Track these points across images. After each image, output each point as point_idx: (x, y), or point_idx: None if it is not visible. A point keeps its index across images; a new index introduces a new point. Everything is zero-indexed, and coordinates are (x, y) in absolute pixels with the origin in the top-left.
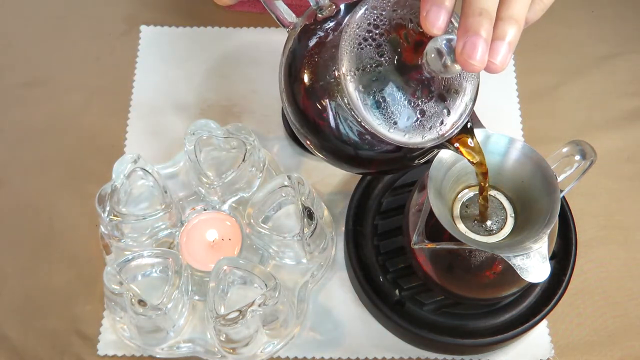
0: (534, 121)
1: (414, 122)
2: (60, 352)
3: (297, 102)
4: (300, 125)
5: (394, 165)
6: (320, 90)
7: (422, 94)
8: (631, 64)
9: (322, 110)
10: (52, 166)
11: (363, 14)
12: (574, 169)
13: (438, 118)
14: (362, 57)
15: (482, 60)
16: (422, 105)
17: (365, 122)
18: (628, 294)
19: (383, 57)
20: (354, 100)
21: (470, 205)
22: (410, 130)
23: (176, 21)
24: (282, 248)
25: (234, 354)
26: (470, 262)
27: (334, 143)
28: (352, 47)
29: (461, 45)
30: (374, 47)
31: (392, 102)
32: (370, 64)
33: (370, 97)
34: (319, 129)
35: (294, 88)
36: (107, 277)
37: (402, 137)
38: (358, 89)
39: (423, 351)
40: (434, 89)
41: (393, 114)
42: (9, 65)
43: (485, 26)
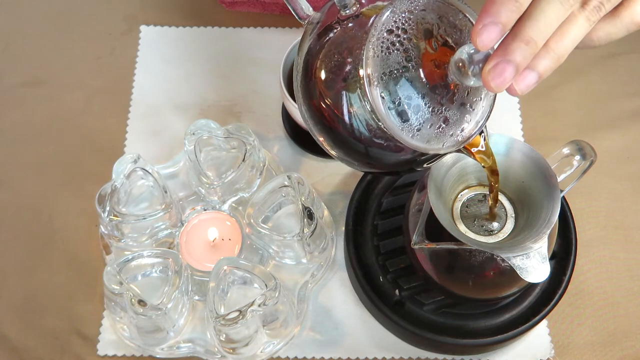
0: (534, 121)
1: (437, 129)
2: (60, 352)
3: (314, 99)
4: (314, 123)
5: (404, 167)
6: (340, 91)
7: (446, 102)
8: (631, 64)
9: (341, 111)
10: (52, 166)
11: (390, 15)
12: (574, 169)
13: (460, 125)
14: (389, 62)
15: (503, 85)
16: (446, 112)
17: (388, 128)
18: (628, 294)
19: (410, 63)
20: (377, 105)
21: (470, 205)
22: (433, 138)
23: (176, 21)
24: (282, 248)
25: (234, 354)
26: (470, 262)
27: (350, 143)
28: (378, 50)
29: (492, 64)
30: (401, 52)
31: (416, 108)
32: (397, 69)
33: (395, 103)
34: (336, 128)
35: (310, 85)
36: (107, 277)
37: (424, 143)
38: (383, 93)
39: (423, 351)
40: (457, 97)
41: (417, 120)
42: (9, 65)
43: (525, 56)
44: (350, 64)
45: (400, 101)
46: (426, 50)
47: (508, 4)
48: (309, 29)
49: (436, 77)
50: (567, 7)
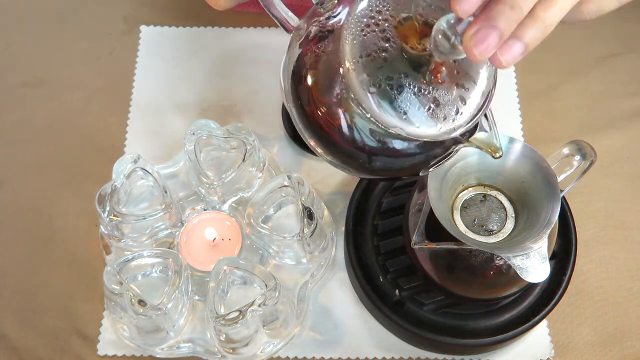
0: (534, 121)
1: (427, 111)
2: (60, 352)
3: (303, 104)
4: (305, 127)
5: (401, 169)
6: (326, 89)
7: (433, 81)
8: (631, 64)
9: (329, 110)
10: (52, 166)
11: (366, 1)
12: (574, 169)
13: (453, 107)
14: (366, 44)
15: (486, 52)
16: (434, 92)
17: (372, 114)
18: (628, 294)
19: (388, 43)
20: (357, 90)
21: (470, 206)
22: (423, 121)
23: (176, 21)
24: (282, 248)
25: (234, 354)
26: (470, 262)
27: (343, 147)
28: (354, 35)
29: (474, 29)
30: (377, 33)
31: (400, 90)
32: (375, 51)
33: (376, 86)
34: (327, 131)
35: (299, 90)
36: (107, 277)
37: (415, 128)
38: (362, 78)
39: (423, 351)
40: (445, 75)
41: (403, 102)
42: (9, 65)
43: (509, 21)
44: (332, 58)
45: (381, 83)
46: (405, 29)
47: None
48: (295, 36)
49: (419, 55)
50: None
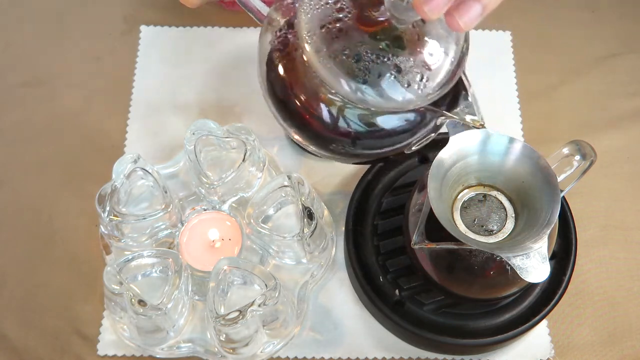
0: (534, 121)
1: (388, 78)
2: (60, 352)
3: (275, 90)
4: (281, 114)
5: (386, 144)
6: (291, 70)
7: (392, 48)
8: (631, 64)
9: (298, 90)
10: (52, 166)
11: None
12: (574, 169)
13: (416, 73)
14: (320, 17)
15: (438, 9)
16: (394, 59)
17: (333, 86)
18: (628, 294)
19: (343, 13)
20: (315, 64)
21: (470, 206)
22: (385, 88)
23: (176, 21)
24: (282, 248)
25: (234, 354)
26: (470, 262)
27: (317, 127)
28: (309, 10)
29: None
30: (331, 5)
31: (358, 59)
32: (329, 22)
33: (332, 57)
34: (301, 115)
35: (270, 76)
36: (107, 277)
37: (377, 97)
38: (318, 50)
39: (423, 351)
40: (405, 42)
41: (361, 72)
42: (9, 65)
43: None
44: (294, 37)
45: (338, 54)
46: (359, 2)
47: None
48: (265, 25)
49: (375, 22)
50: None
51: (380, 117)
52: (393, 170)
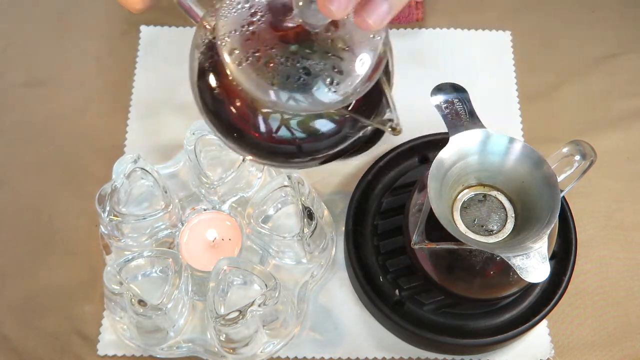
0: (534, 121)
1: (297, 81)
2: (60, 352)
3: (203, 94)
4: (209, 119)
5: (307, 151)
6: (215, 73)
7: (302, 51)
8: (631, 64)
9: (220, 92)
10: (52, 166)
11: None
12: (574, 169)
13: (326, 78)
14: (235, 20)
15: (343, 8)
16: (304, 62)
17: (246, 88)
18: (628, 294)
19: (256, 17)
20: (229, 65)
21: (470, 206)
22: (294, 90)
23: (176, 21)
24: (282, 248)
25: (234, 354)
26: (470, 262)
27: (240, 129)
28: (226, 13)
29: None
30: (247, 9)
31: (267, 61)
32: (243, 26)
33: (244, 59)
34: (228, 120)
35: (198, 77)
36: (107, 277)
37: (286, 99)
38: (232, 52)
39: (423, 351)
40: (317, 46)
41: (270, 74)
42: (9, 65)
43: None
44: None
45: (249, 56)
46: (275, 4)
47: None
48: (198, 27)
49: (284, 25)
50: None
51: (294, 120)
52: (393, 170)
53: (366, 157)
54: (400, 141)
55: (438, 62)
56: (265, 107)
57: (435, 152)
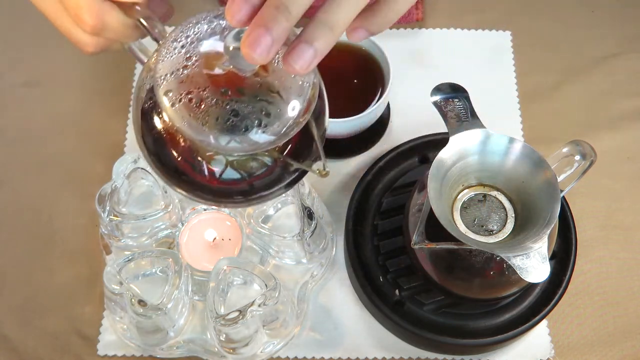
0: (534, 121)
1: (226, 122)
2: (60, 352)
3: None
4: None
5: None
6: (152, 114)
7: (232, 94)
8: (631, 63)
9: (157, 133)
10: (52, 166)
11: (179, 28)
12: (574, 169)
13: (254, 120)
14: (172, 63)
15: (265, 54)
16: (233, 105)
17: (178, 128)
18: (628, 294)
19: (190, 61)
20: (163, 105)
21: (470, 206)
22: (223, 131)
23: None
24: (282, 248)
25: (234, 354)
26: (470, 262)
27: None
28: (164, 56)
29: (247, 34)
30: (183, 53)
31: (198, 102)
32: (178, 69)
33: (178, 100)
34: (165, 159)
35: (140, 112)
36: (107, 277)
37: (215, 139)
38: (166, 93)
39: (423, 351)
40: (247, 90)
41: (202, 114)
42: (8, 65)
43: (277, 21)
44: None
45: (182, 98)
46: (209, 51)
47: None
48: (141, 72)
49: (217, 70)
50: None
51: (224, 159)
52: (393, 170)
53: (366, 157)
54: (400, 141)
55: (438, 62)
56: (199, 146)
57: (435, 152)
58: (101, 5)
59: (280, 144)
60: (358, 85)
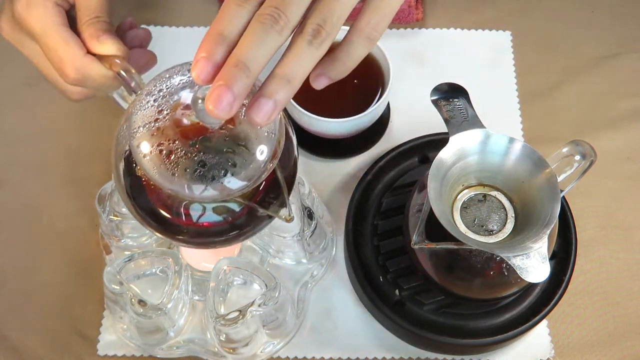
0: (534, 121)
1: (194, 173)
2: (60, 352)
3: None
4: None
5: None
6: (130, 163)
7: (199, 146)
8: (631, 63)
9: (136, 180)
10: (52, 166)
11: (153, 82)
12: (574, 169)
13: (221, 170)
14: (145, 115)
15: (227, 110)
16: (201, 156)
17: (151, 177)
18: (628, 294)
19: (162, 114)
20: (136, 156)
21: (470, 206)
22: (192, 181)
23: (176, 21)
24: (282, 248)
25: (234, 354)
26: (470, 262)
27: (155, 211)
28: (138, 108)
29: (210, 92)
30: (155, 106)
31: (169, 154)
32: (150, 122)
33: (149, 151)
34: (140, 200)
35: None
36: (107, 277)
37: (184, 188)
38: (139, 145)
39: (423, 351)
40: (213, 142)
41: (172, 165)
42: (9, 65)
43: (236, 78)
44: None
45: (153, 150)
46: (179, 105)
47: (212, 36)
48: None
49: (187, 122)
50: (272, 30)
51: (196, 206)
52: (393, 170)
53: (366, 157)
54: (400, 141)
55: (438, 62)
56: (170, 194)
57: (435, 152)
58: (82, 59)
59: (246, 191)
60: (358, 85)
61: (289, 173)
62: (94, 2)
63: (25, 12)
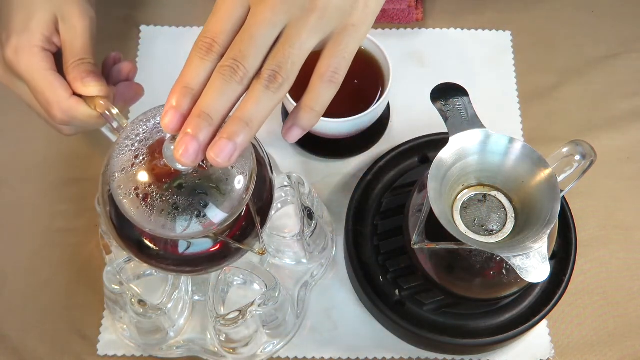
0: (534, 121)
1: (169, 214)
2: (60, 352)
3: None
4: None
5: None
6: (112, 202)
7: (173, 189)
8: (631, 63)
9: (120, 216)
10: (52, 166)
11: (131, 125)
12: (574, 169)
13: (193, 211)
14: (122, 160)
15: (194, 157)
16: (174, 198)
17: (131, 219)
18: (628, 294)
19: (138, 159)
20: (116, 198)
21: (470, 206)
22: (167, 221)
23: (176, 21)
24: (282, 248)
25: (234, 354)
26: (470, 262)
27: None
28: (116, 153)
29: (177, 142)
30: (132, 152)
31: (145, 197)
32: (128, 167)
33: (127, 195)
34: (125, 235)
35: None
36: (107, 277)
37: (159, 228)
38: (118, 188)
39: (423, 351)
40: (186, 185)
41: (148, 207)
42: None
43: (200, 127)
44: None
45: (131, 193)
46: (153, 148)
47: (178, 88)
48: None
49: (161, 167)
50: (232, 80)
51: (176, 242)
52: (393, 170)
53: (366, 157)
54: (400, 141)
55: (438, 62)
56: (148, 232)
57: (435, 152)
58: (68, 102)
59: (220, 228)
60: (358, 85)
61: (264, 202)
62: (78, 44)
63: (13, 57)
